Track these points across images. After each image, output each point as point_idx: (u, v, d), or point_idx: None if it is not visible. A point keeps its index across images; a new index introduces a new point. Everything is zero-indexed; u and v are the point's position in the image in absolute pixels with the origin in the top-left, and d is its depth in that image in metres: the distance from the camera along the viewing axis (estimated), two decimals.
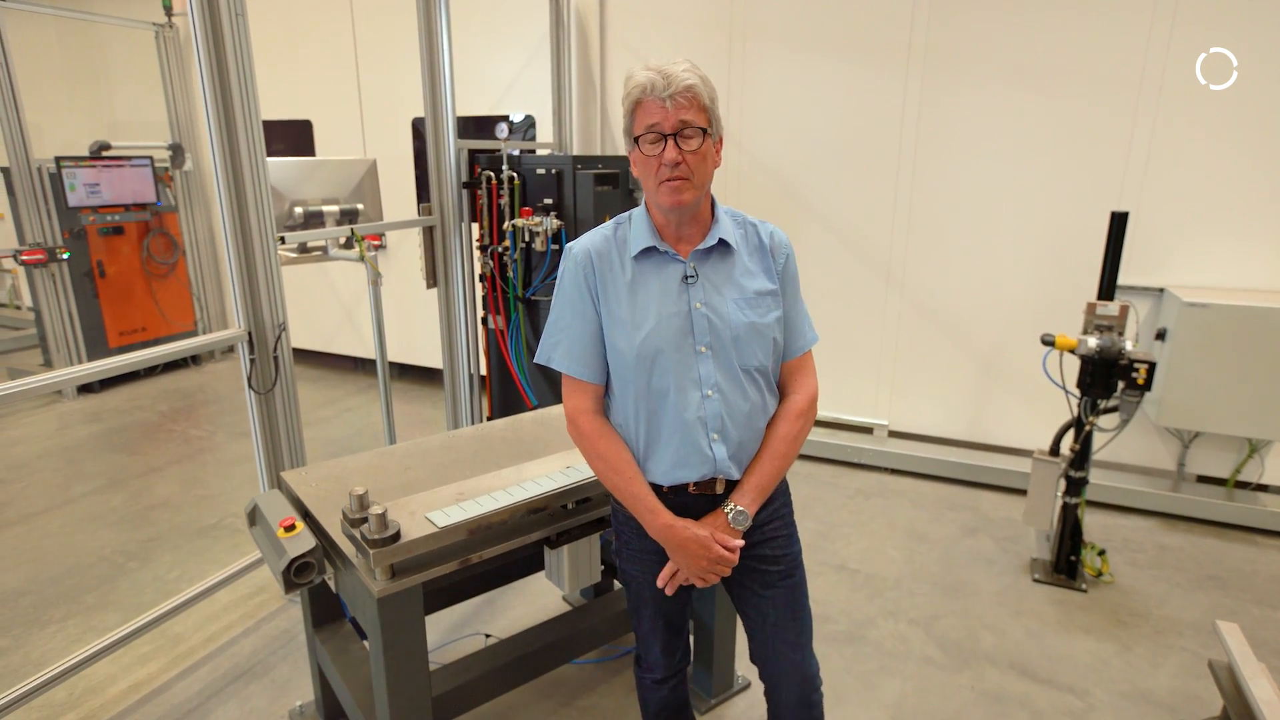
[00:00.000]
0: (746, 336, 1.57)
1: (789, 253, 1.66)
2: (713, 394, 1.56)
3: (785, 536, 1.71)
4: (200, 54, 2.63)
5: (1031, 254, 3.97)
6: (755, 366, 1.59)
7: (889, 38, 4.03)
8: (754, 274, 1.62)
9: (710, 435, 1.58)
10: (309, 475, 2.25)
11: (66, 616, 3.00)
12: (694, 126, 1.48)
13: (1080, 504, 3.13)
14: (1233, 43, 3.42)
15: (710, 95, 1.52)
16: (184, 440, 4.81)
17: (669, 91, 1.46)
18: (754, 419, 1.61)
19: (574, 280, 1.62)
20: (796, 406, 1.66)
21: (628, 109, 1.54)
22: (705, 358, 1.56)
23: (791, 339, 1.67)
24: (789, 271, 1.66)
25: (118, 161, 5.53)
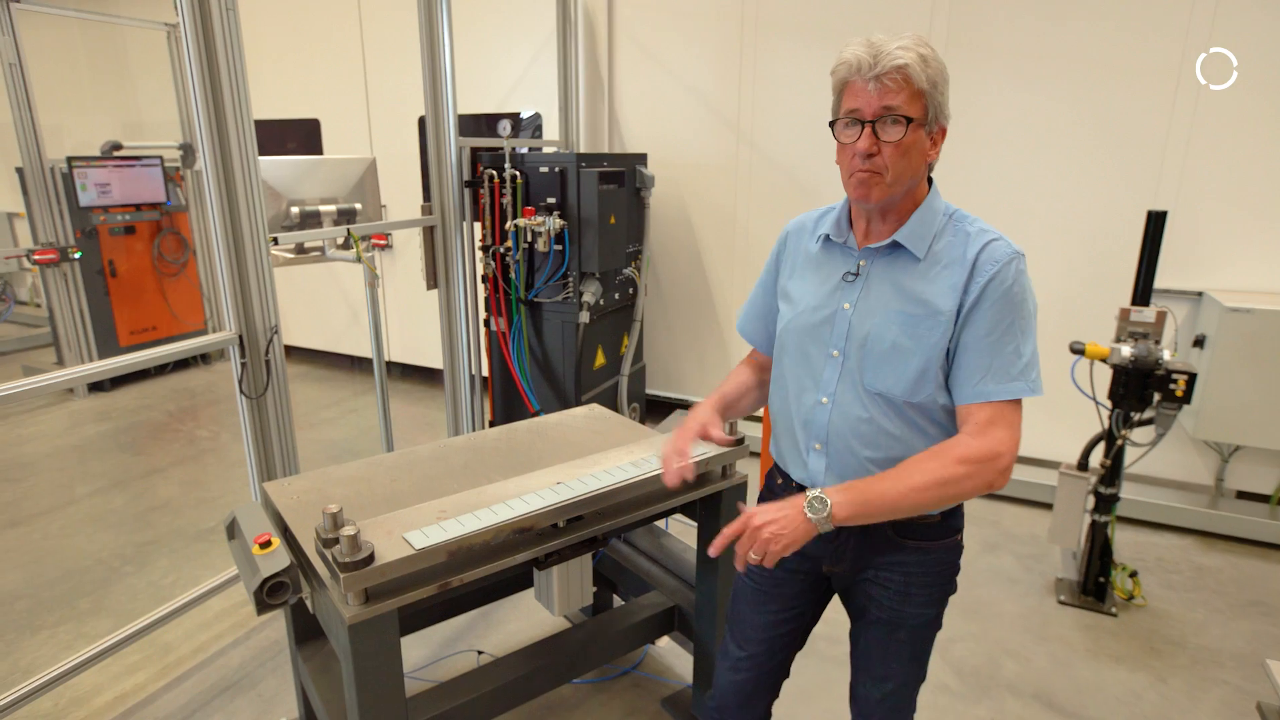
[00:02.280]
0: (879, 355, 1.35)
1: (998, 271, 1.30)
2: (827, 402, 1.43)
3: (899, 593, 1.47)
4: (190, 51, 2.55)
5: (1059, 256, 3.78)
6: (882, 392, 1.36)
7: (906, 29, 3.85)
8: (931, 288, 1.33)
9: (811, 443, 1.47)
10: (291, 487, 2.16)
11: (60, 622, 2.95)
12: (898, 114, 1.27)
13: (1110, 522, 2.96)
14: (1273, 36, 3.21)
15: (931, 78, 1.29)
16: (189, 440, 4.77)
17: (876, 71, 1.27)
18: (877, 446, 1.38)
19: (772, 254, 1.66)
20: (966, 451, 1.29)
21: (835, 90, 1.37)
22: (834, 362, 1.43)
23: (970, 376, 1.32)
24: (991, 293, 1.30)
25: (128, 161, 5.52)
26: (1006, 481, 1.33)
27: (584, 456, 2.23)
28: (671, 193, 4.59)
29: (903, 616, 1.50)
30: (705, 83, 4.44)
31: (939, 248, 1.37)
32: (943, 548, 1.48)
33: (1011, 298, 1.31)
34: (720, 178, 4.49)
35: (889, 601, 1.49)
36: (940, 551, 1.48)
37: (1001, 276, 1.31)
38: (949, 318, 1.32)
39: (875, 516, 1.32)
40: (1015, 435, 1.32)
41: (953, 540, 1.49)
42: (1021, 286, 1.33)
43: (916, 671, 1.57)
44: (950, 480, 1.29)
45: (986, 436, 1.30)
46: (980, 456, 1.29)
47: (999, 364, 1.31)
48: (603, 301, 3.91)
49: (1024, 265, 1.35)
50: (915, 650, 1.54)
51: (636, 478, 2.05)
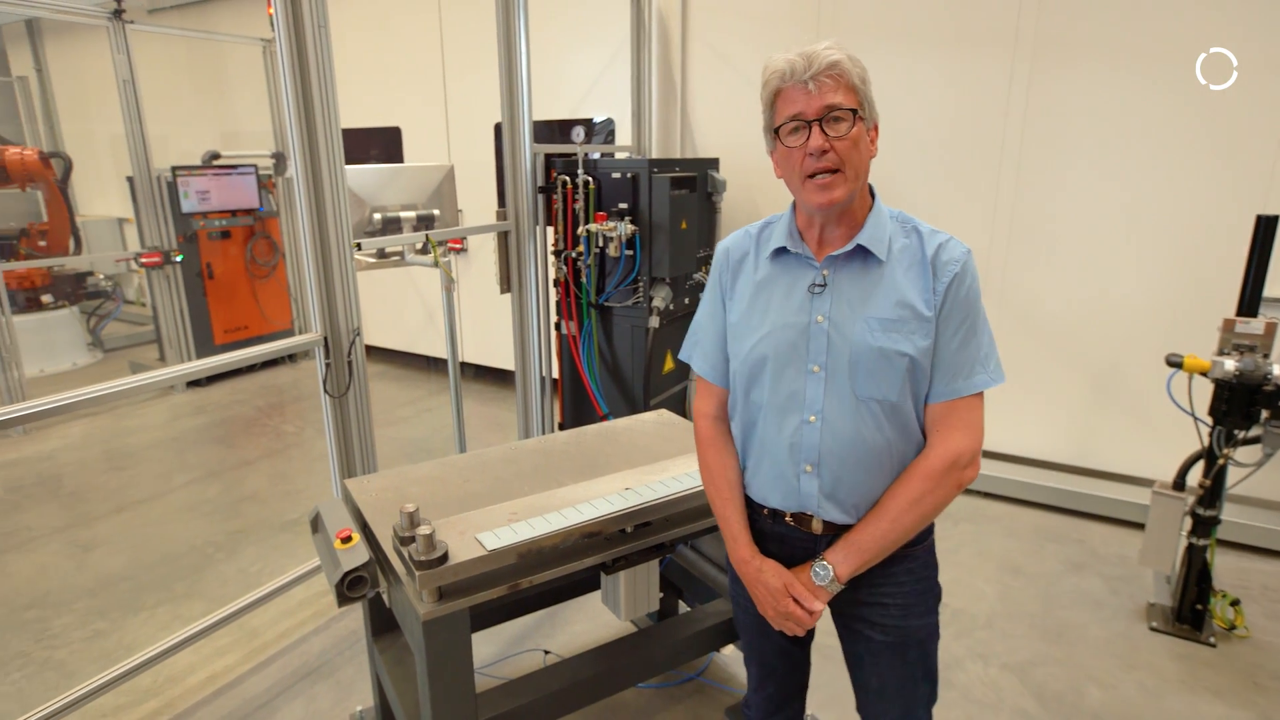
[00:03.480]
0: (869, 363, 1.34)
1: (959, 272, 1.34)
2: (815, 420, 1.39)
3: (899, 607, 1.47)
4: (284, 66, 2.67)
5: (1155, 262, 3.58)
6: (878, 398, 1.36)
7: (994, 25, 3.73)
8: (902, 291, 1.35)
9: (802, 466, 1.41)
10: (370, 484, 2.24)
11: (158, 603, 3.14)
12: (842, 109, 1.29)
13: (1210, 546, 2.78)
14: None
15: (860, 74, 1.32)
16: (276, 435, 5.01)
17: (811, 72, 1.28)
18: (871, 458, 1.38)
19: (712, 279, 1.59)
20: (927, 465, 1.37)
21: (766, 101, 1.37)
22: (816, 379, 1.38)
23: (941, 377, 1.37)
24: (955, 295, 1.34)
25: (226, 170, 5.84)
26: (976, 474, 1.39)
27: (652, 463, 2.24)
28: (743, 197, 4.56)
29: (908, 631, 1.49)
30: None
31: (897, 249, 1.39)
32: (924, 550, 1.50)
33: (971, 296, 1.36)
34: None
35: (892, 620, 1.48)
36: (923, 555, 1.50)
37: (960, 276, 1.35)
38: (932, 321, 1.35)
39: (875, 558, 1.40)
40: (974, 431, 1.38)
41: (930, 541, 1.52)
42: (976, 282, 1.38)
43: (932, 692, 1.56)
44: (920, 497, 1.36)
45: (945, 444, 1.36)
46: (942, 467, 1.36)
47: (965, 361, 1.36)
48: (673, 306, 3.92)
49: (974, 261, 1.39)
50: (928, 667, 1.54)
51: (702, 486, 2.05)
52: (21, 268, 6.30)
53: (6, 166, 6.13)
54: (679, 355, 1.71)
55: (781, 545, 1.50)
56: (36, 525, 3.84)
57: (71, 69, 8.62)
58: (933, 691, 1.55)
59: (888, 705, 1.53)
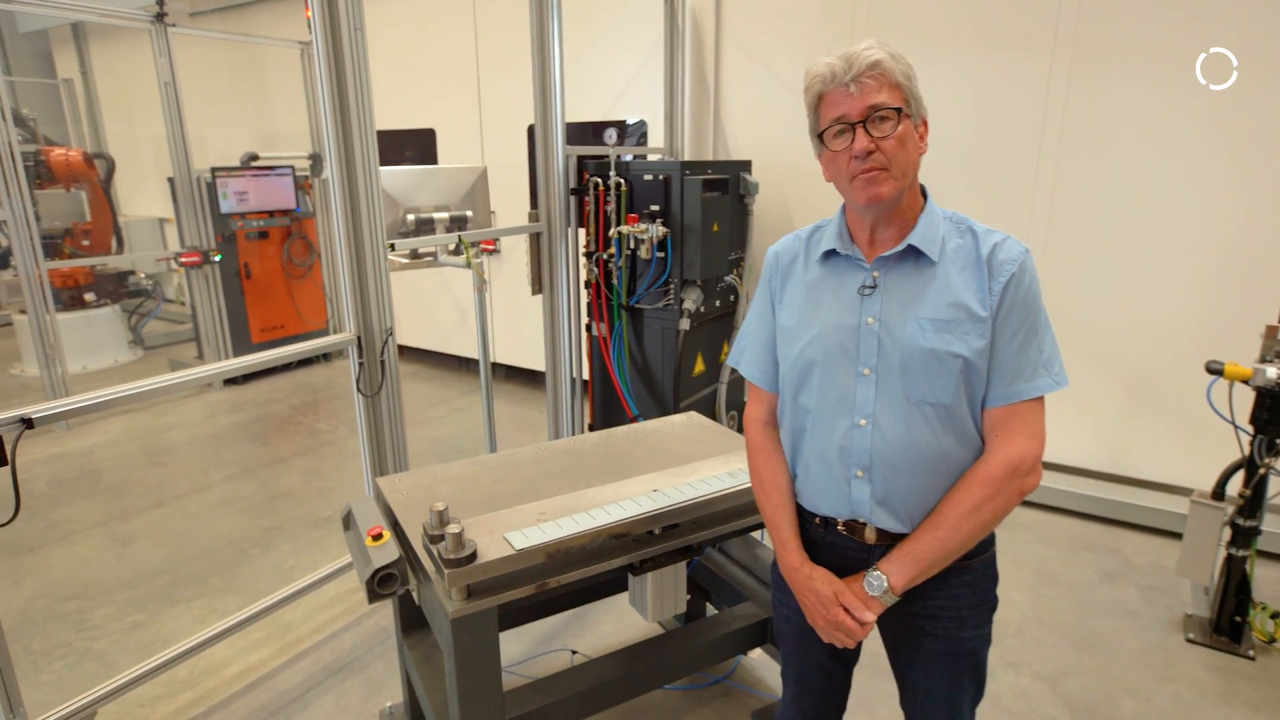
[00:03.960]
0: (921, 365, 1.32)
1: (1016, 272, 1.31)
2: (865, 424, 1.36)
3: (953, 619, 1.44)
4: (321, 68, 2.72)
5: (1194, 267, 3.50)
6: (930, 401, 1.33)
7: (1032, 27, 3.68)
8: (956, 292, 1.32)
9: (852, 471, 1.39)
10: (401, 483, 2.27)
11: (195, 597, 3.21)
12: (886, 108, 1.27)
13: (1250, 557, 2.72)
14: None
15: (904, 71, 1.30)
16: (310, 433, 5.10)
17: (852, 74, 1.27)
18: (925, 463, 1.35)
19: (762, 283, 1.59)
20: (986, 472, 1.33)
21: (810, 106, 1.37)
22: (866, 381, 1.36)
23: (1000, 380, 1.33)
24: (1013, 296, 1.31)
25: (264, 171, 5.96)
26: (1038, 481, 1.35)
27: (681, 465, 2.25)
28: (775, 199, 4.54)
29: (961, 642, 1.46)
30: None
31: (950, 249, 1.36)
32: (982, 562, 1.46)
33: (1030, 297, 1.33)
34: (826, 185, 4.39)
35: (945, 631, 1.45)
36: (981, 567, 1.46)
37: (1019, 276, 1.32)
38: (988, 321, 1.31)
39: (932, 569, 1.36)
40: (1036, 437, 1.34)
41: (990, 553, 1.48)
42: (1036, 283, 1.35)
43: (978, 694, 1.54)
44: (980, 505, 1.32)
45: (1005, 448, 1.33)
46: (1002, 473, 1.32)
47: (1026, 364, 1.33)
48: (703, 308, 3.92)
49: (1033, 261, 1.36)
50: (977, 673, 1.52)
51: (733, 488, 2.05)
52: (65, 266, 6.48)
53: (52, 167, 6.32)
54: (727, 360, 1.71)
55: (833, 555, 1.47)
56: (77, 519, 3.95)
57: (115, 71, 8.86)
58: (979, 693, 1.54)
59: (935, 706, 1.51)
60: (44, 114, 8.36)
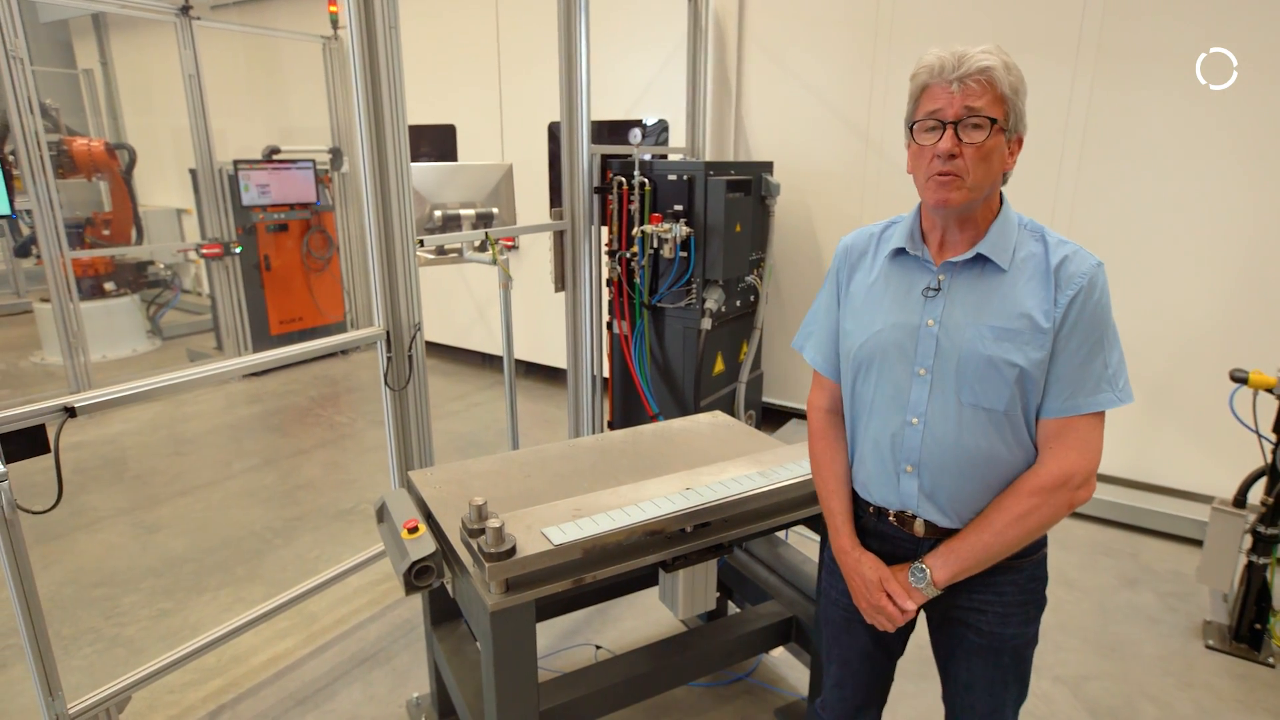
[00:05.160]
0: (977, 371, 1.33)
1: (1084, 285, 1.30)
2: (917, 422, 1.40)
3: (997, 615, 1.47)
4: (355, 64, 2.75)
5: (1216, 274, 3.50)
6: (984, 406, 1.34)
7: (1056, 33, 3.68)
8: (1021, 302, 1.32)
9: (902, 466, 1.43)
10: (433, 476, 2.30)
11: (220, 585, 3.25)
12: (982, 115, 1.26)
13: (1271, 565, 2.73)
14: None
15: (1013, 84, 1.29)
16: (329, 425, 5.14)
17: (959, 73, 1.26)
18: (973, 465, 1.37)
19: (831, 274, 1.61)
20: (1037, 481, 1.34)
21: (912, 95, 1.36)
22: (922, 381, 1.39)
23: (1059, 392, 1.33)
24: (1081, 309, 1.30)
25: (285, 164, 6.00)
26: (1089, 495, 1.36)
27: (709, 464, 2.27)
28: (796, 200, 4.56)
29: (1004, 639, 1.48)
30: (835, 90, 4.38)
31: (1021, 258, 1.36)
32: (1031, 563, 1.47)
33: (1100, 311, 1.32)
34: (847, 186, 4.42)
35: (988, 626, 1.47)
36: (1030, 568, 1.47)
37: (1089, 290, 1.31)
38: (1049, 333, 1.31)
39: (975, 568, 1.39)
40: (1090, 452, 1.34)
41: (1040, 555, 1.49)
42: (1107, 297, 1.34)
43: (1021, 693, 1.56)
44: (1027, 513, 1.34)
45: (1057, 461, 1.33)
46: (1051, 484, 1.33)
47: (1089, 377, 1.33)
48: (724, 308, 3.94)
49: (1104, 275, 1.34)
50: (1020, 672, 1.53)
51: (765, 487, 2.07)
52: (87, 256, 6.54)
53: (74, 157, 6.37)
54: (792, 344, 1.74)
55: (883, 543, 1.53)
56: (102, 506, 4.00)
57: (135, 63, 8.91)
58: (1023, 692, 1.56)
59: (975, 700, 1.54)
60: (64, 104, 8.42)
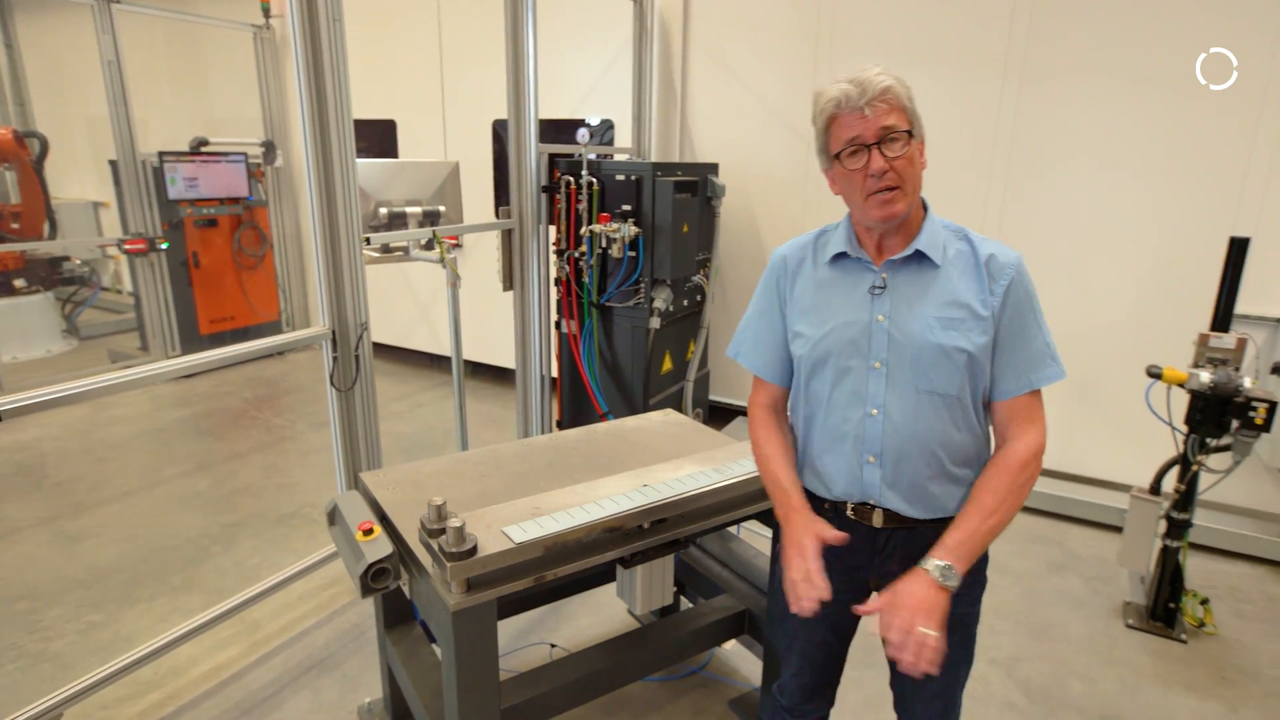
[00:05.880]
0: (930, 358, 1.43)
1: (1014, 277, 1.44)
2: (877, 413, 1.48)
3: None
4: (298, 58, 2.69)
5: (1134, 277, 3.74)
6: (939, 392, 1.44)
7: (985, 47, 3.86)
8: (958, 292, 1.45)
9: (865, 456, 1.50)
10: (387, 478, 2.27)
11: (155, 596, 3.13)
12: (898, 131, 1.38)
13: (1182, 548, 2.93)
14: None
15: (908, 95, 1.42)
16: (266, 428, 4.98)
17: (865, 99, 1.37)
18: (930, 450, 1.46)
19: (766, 283, 1.67)
20: (1016, 457, 1.43)
21: (821, 127, 1.46)
22: (878, 374, 1.48)
23: (1012, 374, 1.45)
24: (1013, 298, 1.44)
25: (214, 157, 5.77)
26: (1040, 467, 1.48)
27: (664, 461, 2.30)
28: (741, 202, 4.65)
29: (955, 617, 1.52)
30: (778, 95, 4.48)
31: (951, 255, 1.48)
32: None
33: (1031, 297, 1.46)
34: (790, 189, 4.53)
35: None
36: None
37: (1019, 278, 1.45)
38: (989, 320, 1.43)
39: (981, 551, 1.44)
40: (1043, 424, 1.48)
41: None
42: (1032, 284, 1.48)
43: (967, 670, 1.65)
44: (1019, 488, 1.43)
45: (1024, 436, 1.45)
46: (1031, 456, 1.44)
47: (1035, 355, 1.46)
48: (672, 308, 3.99)
49: (1025, 265, 1.49)
50: (968, 649, 1.63)
51: (720, 483, 2.12)
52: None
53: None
54: (727, 352, 1.79)
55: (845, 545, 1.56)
56: (19, 516, 3.78)
57: (45, 46, 8.41)
58: (968, 670, 1.66)
59: (927, 679, 1.60)
60: None
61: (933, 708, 1.65)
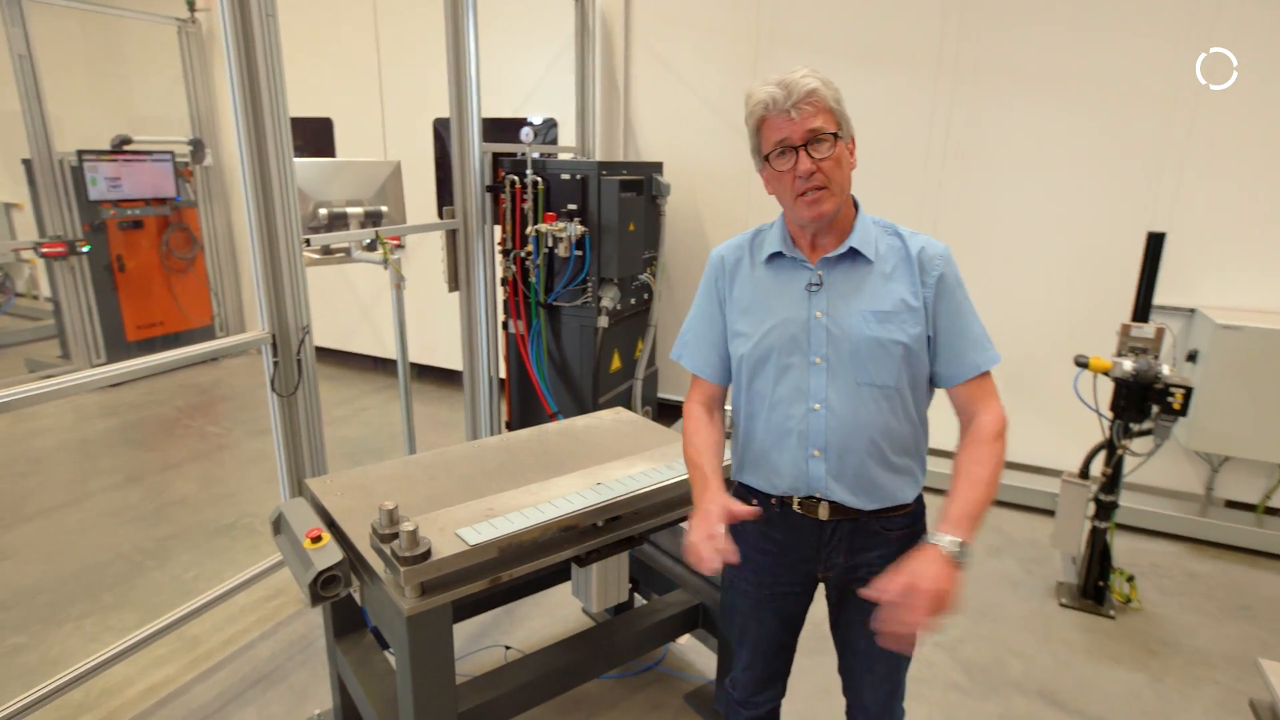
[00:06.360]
0: (868, 351, 1.48)
1: (944, 268, 1.49)
2: (819, 408, 1.51)
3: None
4: (230, 54, 2.61)
5: (1061, 271, 3.91)
6: (877, 384, 1.49)
7: (919, 50, 3.99)
8: (893, 286, 1.49)
9: (810, 450, 1.53)
10: (334, 484, 2.22)
11: (84, 615, 2.99)
12: (824, 133, 1.41)
13: (1110, 528, 3.08)
14: (1272, 55, 3.35)
15: (835, 96, 1.44)
16: (201, 437, 4.80)
17: (792, 101, 1.40)
18: (874, 441, 1.50)
19: (705, 283, 1.69)
20: (989, 428, 1.48)
21: (752, 129, 1.50)
22: (819, 370, 1.50)
23: (955, 362, 1.52)
24: (944, 289, 1.49)
25: (139, 156, 5.54)
26: None
27: (615, 459, 2.32)
28: (686, 201, 4.69)
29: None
30: (720, 94, 4.54)
31: (883, 250, 1.53)
32: (919, 530, 1.62)
33: (960, 285, 1.53)
34: (734, 188, 4.59)
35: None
36: (921, 531, 1.62)
37: (948, 270, 1.51)
38: (921, 311, 1.49)
39: (980, 521, 1.45)
40: (1000, 401, 1.54)
41: (924, 521, 1.65)
42: (959, 274, 1.54)
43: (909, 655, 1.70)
44: (998, 455, 1.48)
45: (989, 412, 1.51)
46: (998, 430, 1.50)
47: (974, 339, 1.52)
48: (620, 306, 4.00)
49: (953, 256, 1.55)
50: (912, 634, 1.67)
51: (672, 480, 2.14)
52: None
53: None
54: (670, 355, 1.80)
55: (787, 534, 1.62)
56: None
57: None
58: (903, 669, 1.71)
59: (875, 664, 1.66)
60: None
61: (879, 692, 1.70)
